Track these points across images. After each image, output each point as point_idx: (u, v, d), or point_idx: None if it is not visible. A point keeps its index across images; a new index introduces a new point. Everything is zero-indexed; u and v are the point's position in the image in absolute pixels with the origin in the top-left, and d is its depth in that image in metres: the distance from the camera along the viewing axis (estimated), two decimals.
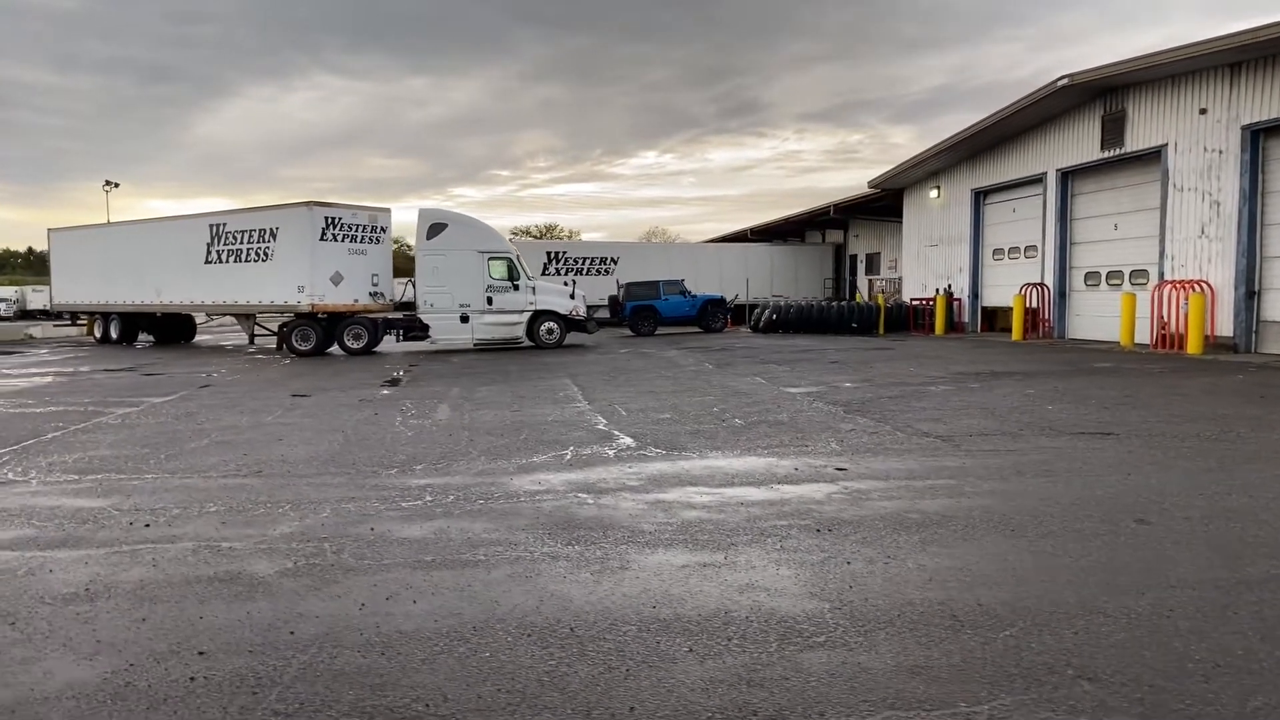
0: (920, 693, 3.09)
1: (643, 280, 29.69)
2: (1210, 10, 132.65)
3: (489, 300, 21.72)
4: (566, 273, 32.83)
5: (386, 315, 22.28)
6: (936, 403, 10.51)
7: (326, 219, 20.99)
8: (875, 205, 32.63)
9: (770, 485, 6.40)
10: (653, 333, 27.90)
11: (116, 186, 61.94)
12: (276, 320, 23.55)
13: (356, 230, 21.56)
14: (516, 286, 21.89)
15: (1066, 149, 21.09)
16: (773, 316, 27.10)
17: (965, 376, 13.31)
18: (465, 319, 21.68)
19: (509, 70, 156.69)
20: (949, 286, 26.15)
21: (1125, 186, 19.60)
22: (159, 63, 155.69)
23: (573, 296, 22.72)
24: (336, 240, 21.18)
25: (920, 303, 26.96)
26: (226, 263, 22.77)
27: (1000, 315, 24.91)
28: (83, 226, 28.91)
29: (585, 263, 34.38)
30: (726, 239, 46.15)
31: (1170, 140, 17.69)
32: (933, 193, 27.26)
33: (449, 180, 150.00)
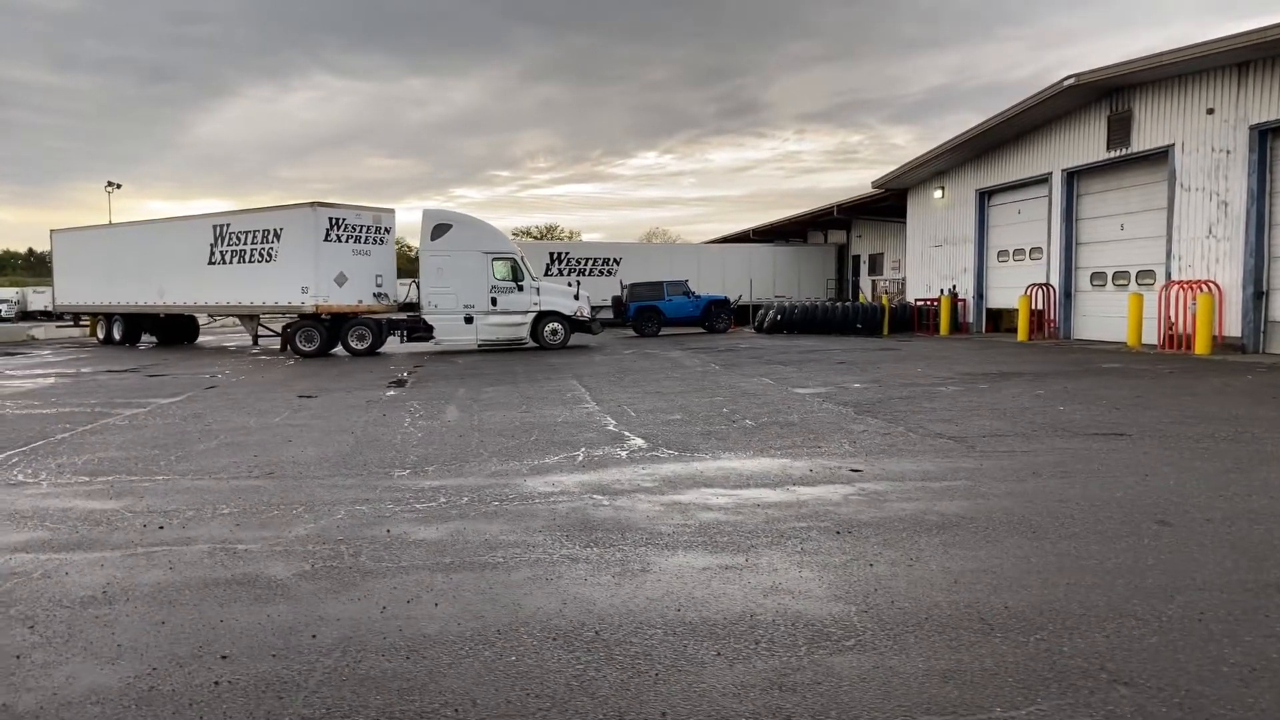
0: (954, 697, 3.05)
1: (646, 281, 29.64)
2: (1210, 10, 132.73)
3: (493, 301, 21.66)
4: (569, 273, 32.77)
5: (391, 316, 22.24)
6: (947, 403, 10.47)
7: (330, 220, 20.95)
8: (878, 206, 32.59)
9: (786, 487, 6.36)
10: (657, 333, 27.84)
11: (119, 187, 62.04)
12: (280, 321, 23.50)
13: (360, 231, 21.52)
14: (521, 287, 21.84)
15: (1072, 149, 21.04)
16: (777, 317, 27.05)
17: (974, 377, 13.26)
18: (470, 320, 21.62)
19: (509, 70, 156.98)
20: (953, 287, 26.09)
21: (1132, 186, 19.55)
22: (159, 63, 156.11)
23: (577, 297, 22.65)
24: (341, 241, 21.14)
25: (924, 303, 26.91)
26: (230, 263, 22.74)
27: (1005, 316, 24.87)
28: (86, 227, 28.85)
29: (588, 263, 34.33)
30: (729, 239, 46.08)
31: (1177, 140, 17.64)
32: (937, 193, 27.21)
33: (449, 181, 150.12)
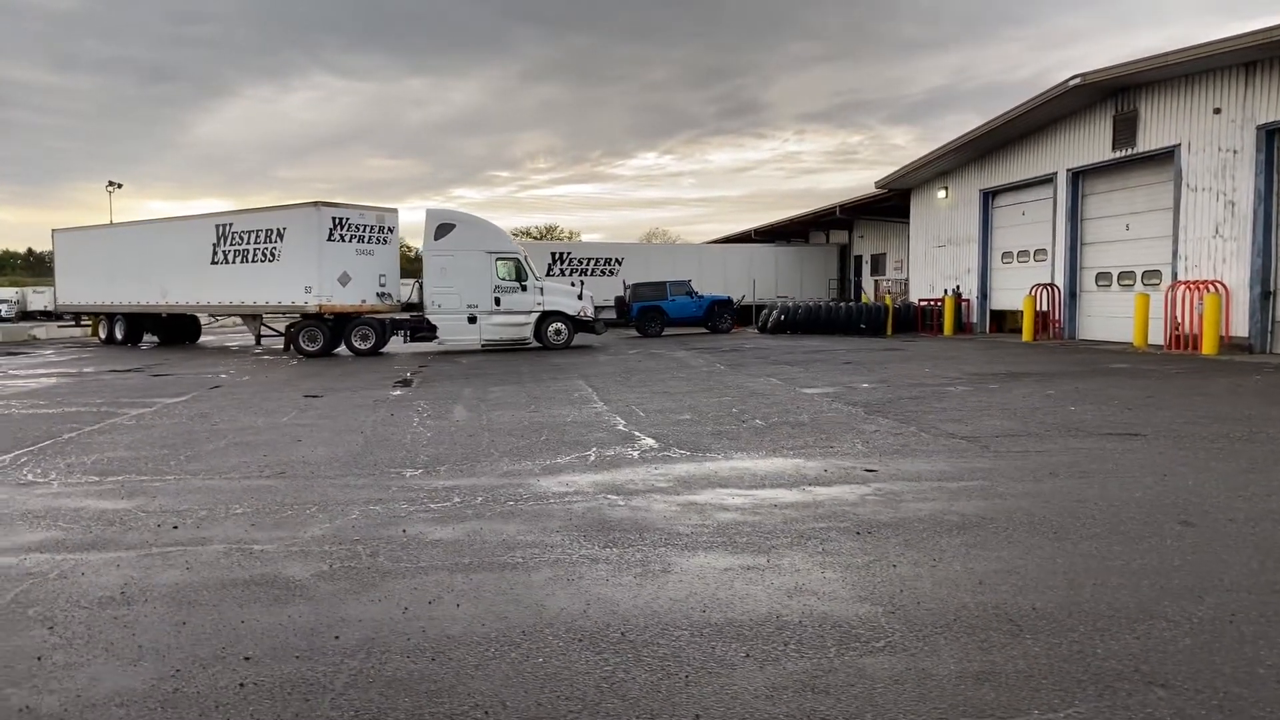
0: (991, 699, 3.01)
1: (649, 281, 29.61)
2: (1211, 11, 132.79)
3: (497, 301, 21.62)
4: (571, 273, 32.72)
5: (394, 316, 22.20)
6: (957, 403, 10.44)
7: (334, 219, 20.90)
8: (881, 206, 32.55)
9: (801, 487, 6.32)
10: (660, 334, 27.81)
11: (120, 187, 61.93)
12: (283, 321, 23.46)
13: (364, 230, 21.47)
14: (524, 287, 21.80)
15: (1077, 149, 21.00)
16: (780, 317, 27.02)
17: (982, 377, 13.23)
18: (473, 320, 21.58)
19: (509, 70, 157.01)
20: (957, 287, 26.05)
21: (1138, 186, 19.51)
22: (158, 63, 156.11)
23: (580, 297, 22.60)
24: (344, 240, 21.09)
25: (928, 304, 26.88)
26: (233, 263, 22.69)
27: (1009, 317, 24.83)
28: (88, 227, 28.79)
29: (590, 263, 34.28)
30: (730, 239, 46.07)
31: (1184, 140, 17.60)
32: (941, 193, 27.17)
33: (448, 181, 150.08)
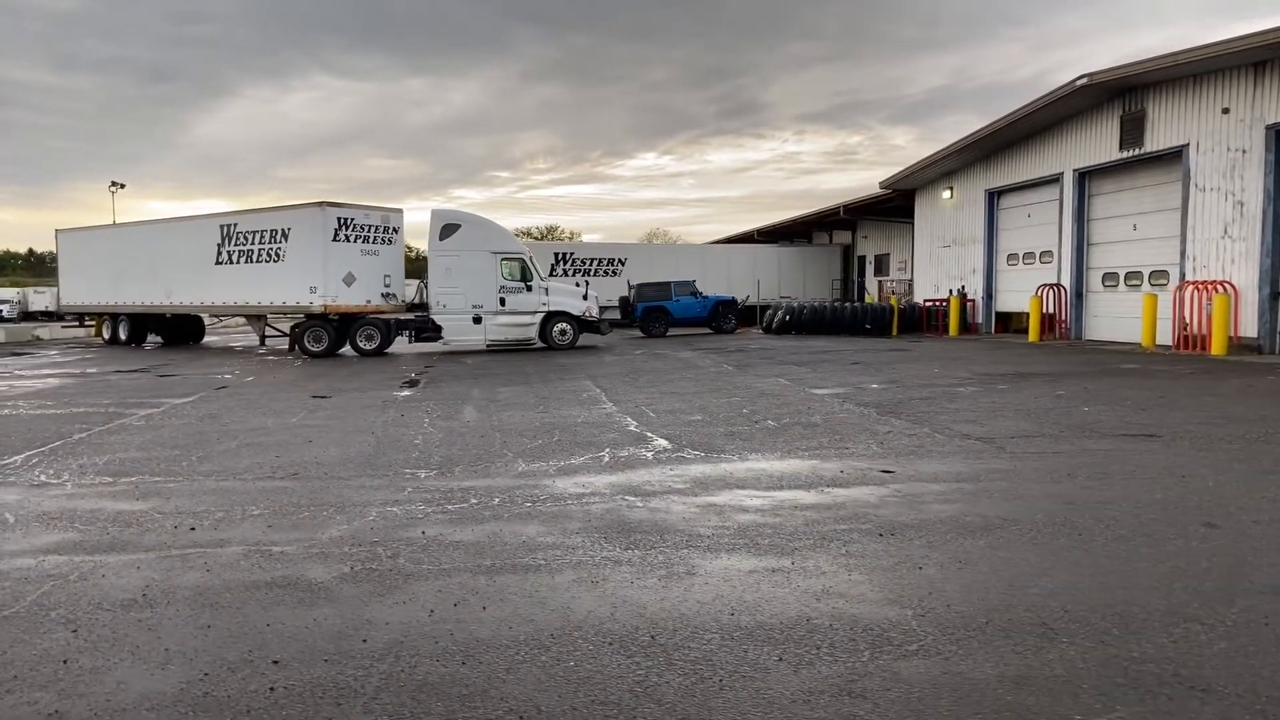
0: (1032, 704, 2.98)
1: (654, 281, 29.58)
2: (1212, 11, 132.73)
3: (502, 301, 21.58)
4: (575, 274, 32.68)
5: (399, 316, 22.15)
6: (969, 404, 10.40)
7: (339, 219, 20.86)
8: (884, 206, 32.51)
9: (819, 488, 6.29)
10: (664, 334, 27.77)
11: (123, 187, 61.87)
12: (288, 321, 23.42)
13: (369, 231, 21.43)
14: (529, 287, 21.76)
15: (1084, 149, 20.96)
16: (785, 318, 26.97)
17: (991, 378, 13.19)
18: (478, 320, 21.54)
19: (509, 70, 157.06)
20: (962, 288, 26.02)
21: (1145, 186, 19.47)
22: (158, 63, 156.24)
23: (585, 297, 22.55)
24: (349, 241, 21.05)
25: (933, 304, 26.84)
26: (237, 263, 22.65)
27: (1014, 317, 24.79)
28: (92, 227, 28.77)
29: (593, 264, 34.25)
30: (733, 240, 46.03)
31: (1192, 140, 17.56)
32: (945, 193, 27.13)
33: (448, 181, 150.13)
